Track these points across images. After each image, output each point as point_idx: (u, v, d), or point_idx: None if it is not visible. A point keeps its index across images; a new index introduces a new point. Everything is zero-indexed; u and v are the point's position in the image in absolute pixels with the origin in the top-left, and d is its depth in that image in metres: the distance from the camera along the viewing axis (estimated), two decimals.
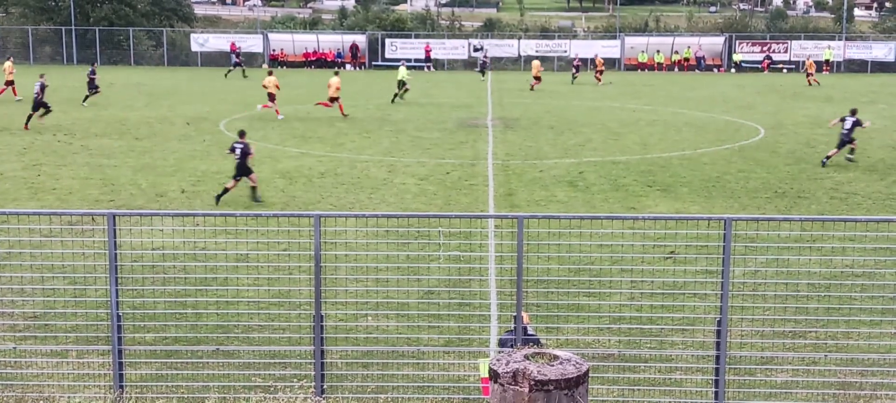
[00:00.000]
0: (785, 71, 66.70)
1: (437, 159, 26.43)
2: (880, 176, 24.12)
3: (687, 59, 68.82)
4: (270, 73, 38.18)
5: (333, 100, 36.24)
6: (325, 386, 9.71)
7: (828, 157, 25.76)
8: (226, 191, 20.42)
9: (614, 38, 72.11)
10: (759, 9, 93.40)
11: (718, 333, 9.23)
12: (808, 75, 53.97)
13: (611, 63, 68.23)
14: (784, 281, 11.97)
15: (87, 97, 40.00)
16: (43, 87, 32.86)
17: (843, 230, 15.29)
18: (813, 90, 50.50)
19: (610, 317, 12.43)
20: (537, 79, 50.76)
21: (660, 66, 68.78)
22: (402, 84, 42.99)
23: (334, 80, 36.48)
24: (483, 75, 60.19)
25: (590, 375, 6.23)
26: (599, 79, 54.42)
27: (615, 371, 10.67)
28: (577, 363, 6.27)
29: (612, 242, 13.85)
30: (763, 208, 20.23)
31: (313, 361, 9.66)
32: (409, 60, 66.59)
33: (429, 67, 68.47)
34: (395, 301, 12.42)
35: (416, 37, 72.20)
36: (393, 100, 42.22)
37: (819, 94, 47.83)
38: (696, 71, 67.77)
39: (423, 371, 10.68)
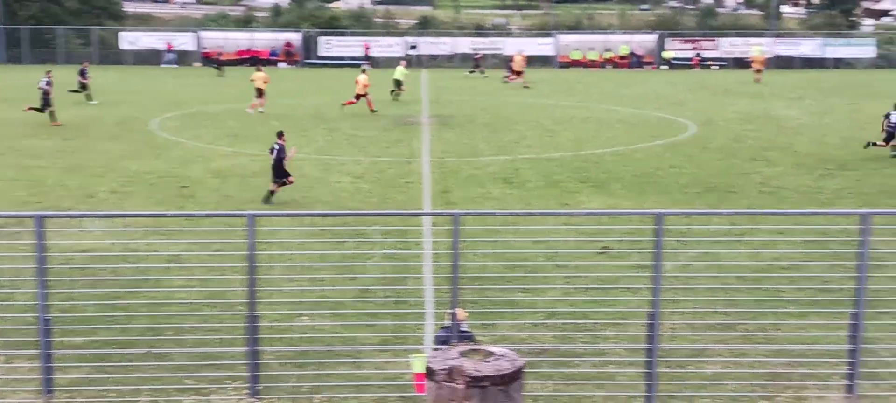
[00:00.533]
0: (715, 67, 67.79)
1: (372, 157, 26.37)
2: (807, 170, 24.65)
3: (624, 57, 69.55)
4: (259, 69, 38.18)
5: (360, 96, 37.31)
6: (259, 387, 9.63)
7: (874, 144, 27.20)
8: (271, 193, 20.29)
9: (549, 35, 72.63)
10: (689, 6, 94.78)
11: (650, 326, 9.36)
12: (756, 72, 54.10)
13: (545, 61, 68.73)
14: (714, 275, 12.20)
15: (84, 93, 39.97)
16: (49, 84, 33.31)
17: (771, 223, 15.62)
18: (744, 87, 51.30)
19: (544, 313, 12.53)
20: (518, 73, 51.34)
21: (593, 64, 69.44)
22: (398, 83, 42.67)
23: (362, 78, 37.76)
24: (480, 73, 59.73)
25: (525, 370, 6.27)
26: (511, 80, 53.45)
27: (550, 366, 10.76)
28: (513, 359, 6.30)
29: (547, 238, 13.96)
30: (694, 203, 20.55)
31: (247, 362, 9.58)
32: (345, 58, 66.37)
33: (367, 65, 68.26)
34: (331, 300, 12.37)
35: (352, 34, 71.95)
36: (393, 97, 42.16)
37: (748, 90, 48.69)
38: (629, 68, 68.54)
39: (359, 371, 10.65)
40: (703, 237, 14.22)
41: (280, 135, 20.92)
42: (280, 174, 20.42)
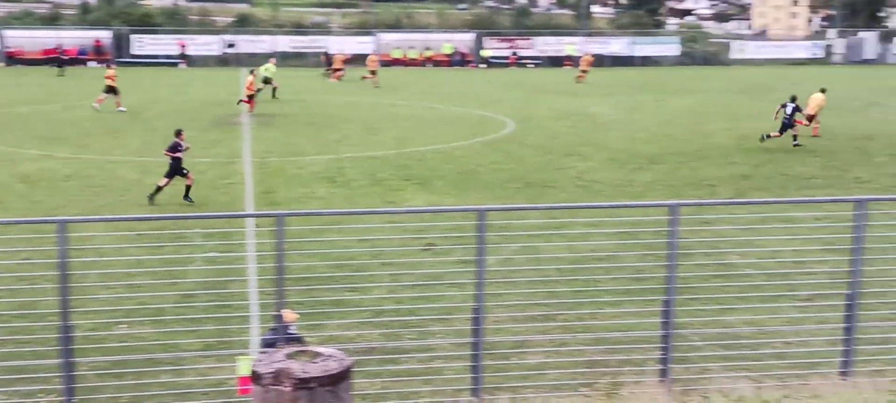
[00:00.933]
0: (531, 66, 69.58)
1: (191, 158, 25.69)
2: (620, 164, 25.66)
3: (450, 55, 70.30)
4: (109, 67, 37.38)
5: (252, 96, 36.83)
6: (74, 400, 9.22)
7: (769, 136, 28.64)
8: (188, 188, 20.18)
9: (369, 34, 72.71)
10: (505, 6, 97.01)
11: (475, 320, 9.51)
12: (582, 72, 55.02)
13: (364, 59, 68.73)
14: (535, 267, 12.51)
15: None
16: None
17: (587, 216, 16.12)
18: (559, 85, 52.86)
19: (371, 311, 12.55)
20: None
21: (414, 62, 69.98)
22: (267, 81, 41.65)
23: (250, 78, 37.58)
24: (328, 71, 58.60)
25: (353, 370, 6.26)
26: (337, 78, 53.41)
27: (378, 364, 10.78)
28: (340, 358, 6.27)
29: (372, 236, 14.00)
30: (514, 198, 21.03)
31: (61, 374, 9.15)
32: (160, 57, 64.32)
33: (183, 63, 66.40)
34: (151, 306, 11.98)
35: (166, 32, 69.82)
36: (273, 96, 41.10)
37: (564, 89, 50.24)
38: (451, 66, 69.44)
39: (181, 378, 10.37)
40: (523, 231, 14.58)
41: (179, 133, 20.88)
42: (176, 171, 20.25)
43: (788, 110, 28.97)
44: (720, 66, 68.35)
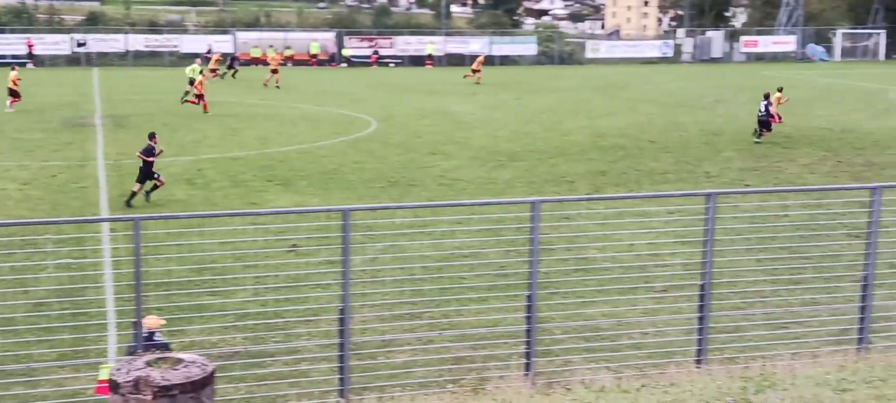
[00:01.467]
0: (392, 65, 69.68)
1: (41, 162, 24.69)
2: (482, 162, 25.98)
3: (315, 55, 69.55)
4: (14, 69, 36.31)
5: (201, 96, 36.49)
6: None
7: (760, 135, 29.46)
8: (155, 187, 20.26)
9: (226, 32, 71.38)
10: (365, 5, 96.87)
11: (341, 321, 9.47)
12: (473, 70, 54.45)
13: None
14: (401, 266, 12.54)
15: None
16: None
17: (451, 214, 16.28)
18: (420, 84, 53.06)
19: (235, 315, 12.33)
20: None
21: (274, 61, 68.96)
22: (192, 82, 39.82)
23: (198, 77, 37.41)
24: (233, 73, 56.60)
25: (216, 375, 6.14)
26: (216, 76, 52.76)
27: (242, 369, 10.61)
28: (203, 364, 6.13)
29: (235, 239, 13.73)
30: (378, 197, 21.03)
31: None
32: (6, 57, 61.63)
33: (30, 63, 63.68)
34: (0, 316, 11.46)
35: (12, 31, 66.84)
36: (182, 101, 39.15)
37: (423, 87, 50.49)
38: (311, 66, 68.81)
39: (35, 389, 9.96)
40: (388, 230, 14.58)
41: (152, 136, 20.86)
42: (148, 175, 20.15)
43: (762, 107, 30.09)
44: (576, 66, 69.99)
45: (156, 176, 20.33)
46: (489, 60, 69.63)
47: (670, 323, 11.95)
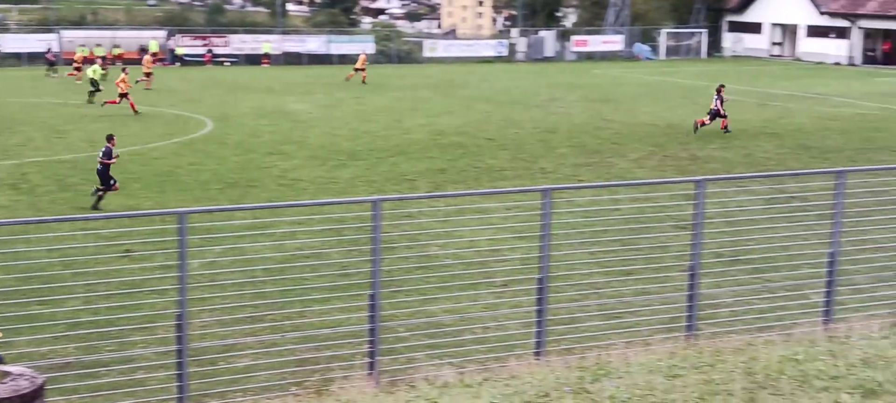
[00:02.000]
0: (227, 64, 68.33)
1: None
2: (321, 161, 25.82)
3: (157, 54, 67.20)
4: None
5: (123, 96, 35.73)
6: None
7: (703, 124, 30.63)
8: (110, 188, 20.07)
9: (51, 31, 68.36)
10: (197, 3, 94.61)
11: (179, 327, 9.24)
12: (356, 69, 53.37)
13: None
14: (241, 269, 12.34)
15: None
16: None
17: (291, 215, 16.10)
18: (257, 82, 52.21)
19: (66, 324, 11.85)
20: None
21: (103, 60, 66.52)
22: (95, 84, 38.34)
23: (123, 76, 36.46)
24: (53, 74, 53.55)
25: (47, 387, 5.89)
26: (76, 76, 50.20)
27: (75, 379, 10.20)
28: (32, 377, 5.88)
29: (64, 245, 13.19)
30: (216, 199, 20.61)
31: None
32: None
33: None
34: None
35: None
36: (89, 100, 37.89)
37: (260, 87, 49.73)
38: (162, 64, 66.58)
39: None
40: (227, 232, 14.33)
41: (109, 138, 20.72)
42: (106, 178, 20.07)
43: (715, 102, 31.26)
44: (414, 65, 70.41)
45: (112, 182, 20.03)
46: (327, 59, 69.29)
47: (510, 316, 12.21)
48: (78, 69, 50.41)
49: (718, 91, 31.85)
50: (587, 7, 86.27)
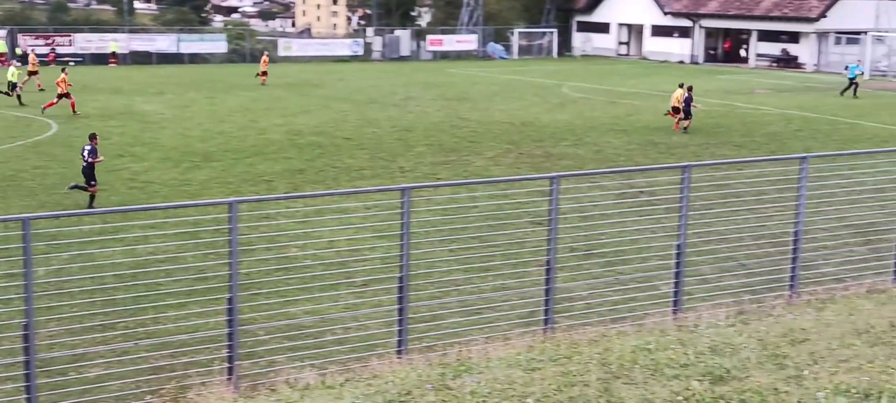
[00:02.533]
0: (72, 64, 65.87)
1: None
2: (174, 163, 25.19)
3: (3, 54, 63.92)
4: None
5: (62, 96, 34.81)
6: None
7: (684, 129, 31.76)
8: (84, 188, 20.23)
9: None
10: (40, 1, 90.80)
11: (26, 337, 8.86)
12: (262, 73, 51.57)
13: None
14: (91, 276, 11.92)
15: None
16: None
17: (144, 219, 15.68)
18: (104, 82, 50.53)
19: None
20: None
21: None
22: (12, 86, 36.52)
23: (63, 76, 35.60)
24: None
25: None
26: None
27: None
28: None
29: None
30: (63, 204, 19.86)
31: None
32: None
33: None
34: None
35: None
36: (20, 103, 36.22)
37: (108, 87, 48.13)
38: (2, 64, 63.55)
39: None
40: (76, 238, 13.79)
41: (93, 137, 20.99)
42: (90, 177, 20.24)
43: (683, 100, 32.34)
44: (269, 64, 69.54)
45: (93, 183, 20.09)
46: (177, 58, 67.64)
47: (371, 316, 12.21)
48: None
49: (689, 90, 33.12)
50: (441, 7, 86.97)
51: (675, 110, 33.13)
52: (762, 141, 30.80)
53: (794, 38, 66.60)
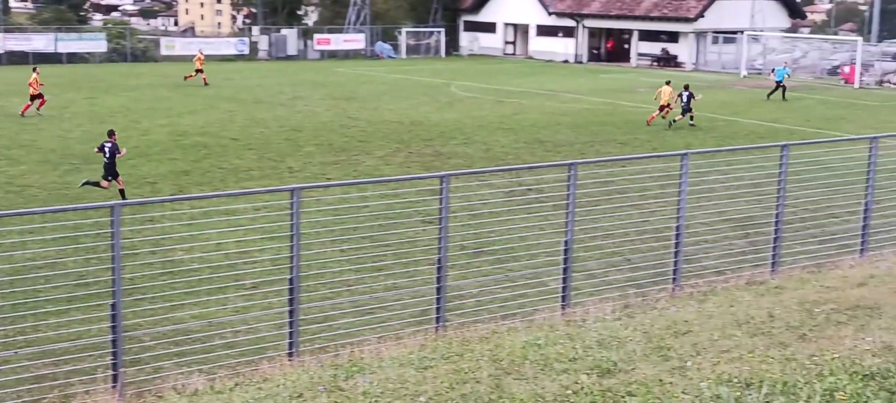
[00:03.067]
0: None
1: None
2: (53, 166, 24.41)
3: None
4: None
5: (36, 97, 34.55)
6: None
7: (675, 120, 32.14)
8: (97, 185, 20.79)
9: None
10: None
11: None
12: (197, 72, 49.57)
13: None
14: None
15: None
16: None
17: (21, 224, 15.15)
18: None
19: None
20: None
21: None
22: None
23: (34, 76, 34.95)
24: None
25: None
26: None
27: None
28: None
29: None
30: None
31: None
32: None
33: None
34: None
35: None
36: None
37: None
38: None
39: None
40: None
41: (111, 133, 21.53)
42: (113, 172, 20.86)
43: (685, 97, 33.39)
44: (151, 63, 67.90)
45: (111, 178, 20.63)
46: (55, 58, 65.53)
47: (262, 319, 12.06)
48: None
49: (686, 88, 34.34)
50: (328, 6, 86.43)
51: (663, 108, 34.46)
52: (645, 138, 31.58)
53: (673, 37, 68.43)
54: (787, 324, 8.71)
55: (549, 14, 74.77)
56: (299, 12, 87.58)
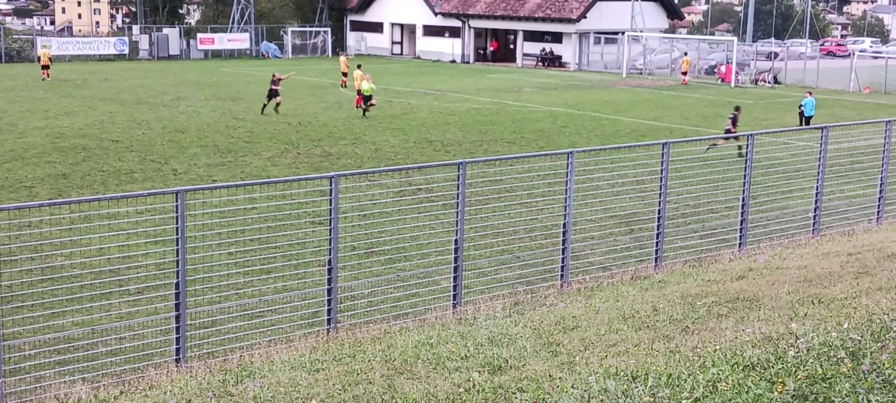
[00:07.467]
0: None
1: None
2: None
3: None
4: None
5: None
6: None
7: (714, 144, 27.29)
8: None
9: None
10: None
11: None
12: (44, 68, 47.30)
13: None
14: None
15: None
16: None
17: None
18: None
19: None
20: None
21: None
22: None
23: None
24: None
25: None
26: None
27: None
28: None
29: None
30: None
31: None
32: None
33: None
34: None
35: None
36: None
37: None
38: None
39: None
40: None
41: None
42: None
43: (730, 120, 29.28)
44: (26, 63, 65.62)
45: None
46: None
47: (147, 325, 11.80)
48: None
49: (737, 110, 30.00)
50: (211, 5, 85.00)
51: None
52: (531, 137, 32.01)
53: (557, 38, 69.53)
54: (671, 317, 8.95)
55: (436, 14, 75.10)
56: (181, 11, 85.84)
